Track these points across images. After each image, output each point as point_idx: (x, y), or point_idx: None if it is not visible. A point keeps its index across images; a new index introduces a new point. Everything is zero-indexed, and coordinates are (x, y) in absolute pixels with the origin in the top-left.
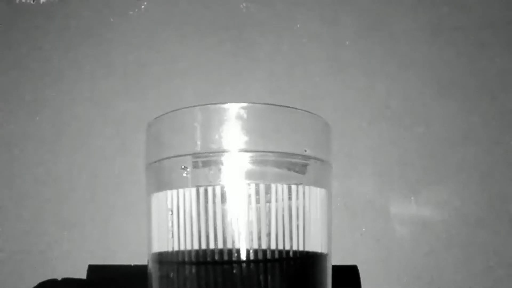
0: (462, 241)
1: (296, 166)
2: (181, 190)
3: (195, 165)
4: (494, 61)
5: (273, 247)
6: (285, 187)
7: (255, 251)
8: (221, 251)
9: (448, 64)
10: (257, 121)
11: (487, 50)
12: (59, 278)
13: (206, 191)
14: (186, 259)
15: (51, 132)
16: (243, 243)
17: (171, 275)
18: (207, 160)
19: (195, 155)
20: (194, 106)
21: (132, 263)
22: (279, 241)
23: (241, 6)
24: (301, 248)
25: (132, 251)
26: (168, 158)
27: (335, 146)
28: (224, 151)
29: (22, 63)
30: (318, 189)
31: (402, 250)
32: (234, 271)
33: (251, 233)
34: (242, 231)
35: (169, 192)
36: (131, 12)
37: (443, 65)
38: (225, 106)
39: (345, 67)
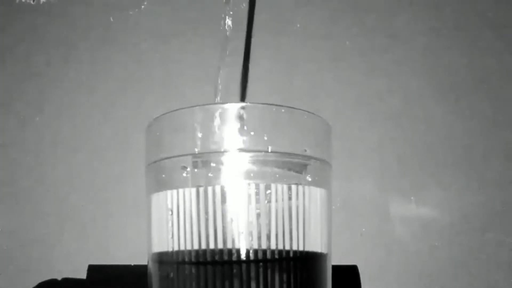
0: (462, 241)
1: (296, 166)
2: (181, 190)
3: (195, 165)
4: (494, 61)
5: (273, 247)
6: (285, 187)
7: (255, 251)
8: (221, 251)
9: (448, 64)
10: (257, 121)
11: (487, 50)
12: (59, 278)
13: (206, 191)
14: (186, 259)
15: (51, 132)
16: (243, 243)
17: (171, 275)
18: (207, 160)
19: (195, 155)
20: (194, 106)
21: (132, 263)
22: (279, 241)
23: (242, 6)
24: (301, 248)
25: (132, 251)
26: (168, 158)
27: (335, 146)
28: (224, 151)
29: (22, 63)
30: (318, 189)
31: (402, 250)
32: (234, 271)
33: (251, 233)
34: (242, 231)
35: (169, 192)
36: (131, 12)
37: (443, 65)
38: (225, 106)
39: (345, 67)
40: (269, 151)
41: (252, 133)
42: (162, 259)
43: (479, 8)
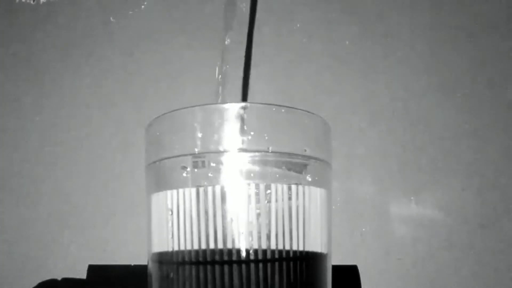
0: (462, 241)
1: (296, 166)
2: (181, 190)
3: (195, 165)
4: (495, 61)
5: (273, 247)
6: (285, 187)
7: (255, 251)
8: (221, 251)
9: (448, 64)
10: (257, 121)
11: (487, 50)
12: (59, 278)
13: (206, 191)
14: (186, 259)
15: (51, 132)
16: (243, 243)
17: (171, 275)
18: (207, 160)
19: (195, 155)
20: (194, 106)
21: (132, 263)
22: (279, 241)
23: (241, 6)
24: (301, 248)
25: (132, 251)
26: (168, 158)
27: (335, 146)
28: (224, 151)
29: (22, 62)
30: (318, 189)
31: (402, 250)
32: (234, 271)
33: (251, 233)
34: (242, 231)
35: (169, 192)
36: (131, 12)
37: (443, 65)
38: (225, 106)
39: (345, 67)
40: (269, 151)
41: (252, 133)
42: (162, 259)
43: (479, 8)
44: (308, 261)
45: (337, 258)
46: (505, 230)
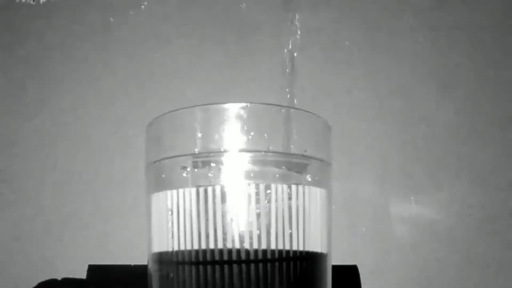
0: (462, 241)
1: (296, 166)
2: (181, 190)
3: (195, 165)
4: (495, 61)
5: (273, 247)
6: (285, 187)
7: (255, 251)
8: (221, 251)
9: (448, 64)
10: (257, 121)
11: (487, 50)
12: (59, 278)
13: (206, 191)
14: (186, 259)
15: (51, 132)
16: (243, 243)
17: (171, 275)
18: (207, 160)
19: (195, 155)
20: (194, 106)
21: (132, 263)
22: (279, 241)
23: (241, 5)
24: (301, 248)
25: (132, 251)
26: (168, 158)
27: (335, 146)
28: (224, 151)
29: (22, 63)
30: (318, 189)
31: (402, 250)
32: (234, 271)
33: (251, 233)
34: (242, 231)
35: (169, 192)
36: (131, 12)
37: (443, 65)
38: (225, 106)
39: (345, 67)
40: (269, 151)
41: (252, 133)
42: (162, 259)
43: (480, 8)
44: (308, 261)
45: (337, 258)
46: (506, 230)
